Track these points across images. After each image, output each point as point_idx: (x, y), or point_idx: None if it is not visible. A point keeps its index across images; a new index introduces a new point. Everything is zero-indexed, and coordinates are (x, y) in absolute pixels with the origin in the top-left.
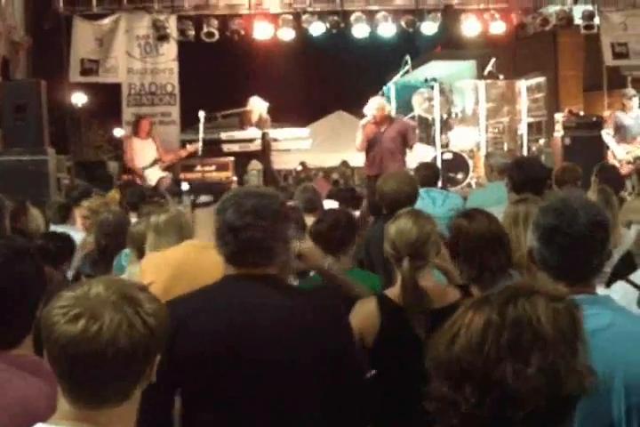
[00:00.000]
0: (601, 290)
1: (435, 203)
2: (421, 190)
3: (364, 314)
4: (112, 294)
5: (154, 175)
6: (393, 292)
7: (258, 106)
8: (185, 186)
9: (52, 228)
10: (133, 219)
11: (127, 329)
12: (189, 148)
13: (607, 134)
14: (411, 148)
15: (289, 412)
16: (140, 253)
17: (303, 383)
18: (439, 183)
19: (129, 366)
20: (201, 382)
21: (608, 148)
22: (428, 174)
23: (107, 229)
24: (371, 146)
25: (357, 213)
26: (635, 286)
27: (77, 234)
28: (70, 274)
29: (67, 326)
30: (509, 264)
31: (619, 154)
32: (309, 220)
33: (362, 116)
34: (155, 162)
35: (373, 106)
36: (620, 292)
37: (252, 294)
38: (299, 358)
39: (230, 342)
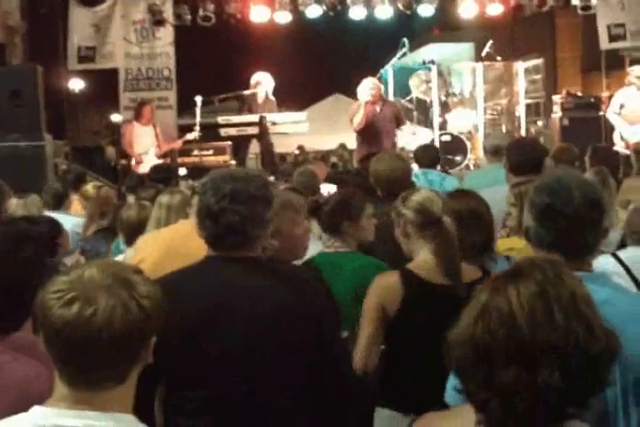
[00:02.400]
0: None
1: (432, 185)
2: (419, 171)
3: (384, 287)
4: (106, 277)
5: (148, 162)
6: (417, 266)
7: (265, 81)
8: (182, 171)
9: (46, 213)
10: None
11: (122, 312)
12: (187, 137)
13: (614, 113)
14: (400, 127)
15: (269, 392)
16: (129, 239)
17: (283, 364)
18: (438, 166)
19: (124, 349)
20: (179, 363)
21: (613, 129)
22: (427, 156)
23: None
24: (367, 126)
25: None
26: (619, 260)
27: (71, 219)
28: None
29: (61, 310)
30: (489, 243)
31: (625, 134)
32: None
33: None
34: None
35: (369, 86)
36: (602, 265)
37: (229, 275)
38: (276, 338)
39: (205, 323)
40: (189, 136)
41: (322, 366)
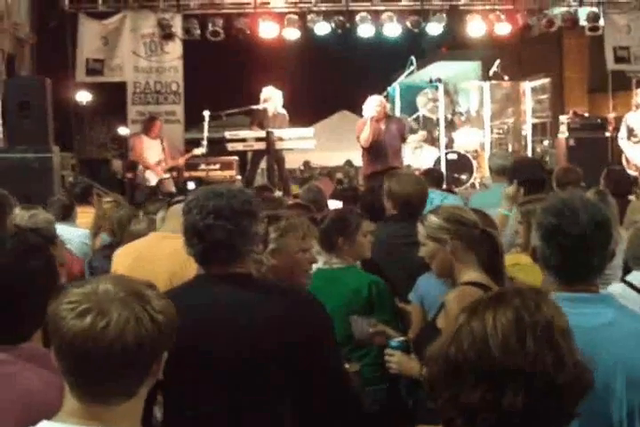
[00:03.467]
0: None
1: (432, 203)
2: None
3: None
4: (120, 290)
5: (154, 176)
6: (480, 279)
7: (274, 97)
8: (191, 185)
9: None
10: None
11: (134, 325)
12: (194, 152)
13: (621, 139)
14: (404, 141)
15: (255, 408)
16: None
17: (270, 379)
18: (443, 185)
19: (135, 363)
20: (172, 379)
21: (621, 151)
22: (431, 175)
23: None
24: (373, 142)
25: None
26: (631, 286)
27: (77, 230)
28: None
29: (74, 321)
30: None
31: (633, 159)
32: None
33: None
34: (158, 163)
35: (375, 103)
36: (617, 292)
37: (219, 293)
38: (264, 353)
39: (194, 339)
40: (196, 151)
41: (316, 381)
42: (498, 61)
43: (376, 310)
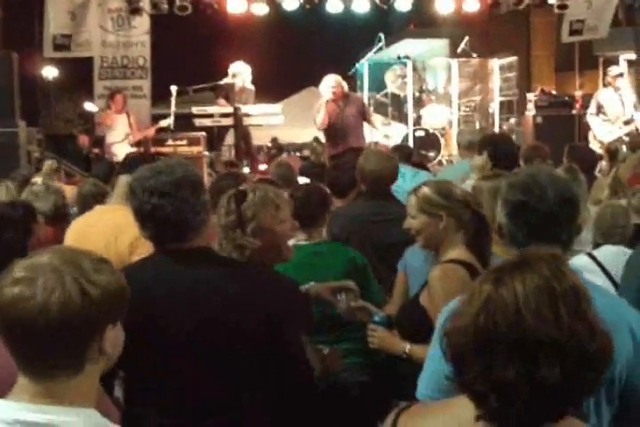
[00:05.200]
0: None
1: (404, 178)
2: None
3: (460, 280)
4: (59, 262)
5: (122, 151)
6: (465, 257)
7: (244, 72)
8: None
9: None
10: None
11: (60, 297)
12: (160, 124)
13: (590, 115)
14: (369, 121)
15: (219, 384)
16: None
17: (229, 356)
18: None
19: (64, 336)
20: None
21: (588, 128)
22: (401, 151)
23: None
24: (332, 124)
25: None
26: (594, 259)
27: None
28: None
29: (5, 289)
30: None
31: (599, 135)
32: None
33: None
34: (125, 137)
35: (331, 83)
36: (578, 264)
37: (173, 268)
38: (222, 326)
39: (149, 315)
40: (163, 123)
41: (275, 364)
42: (466, 39)
43: (366, 281)
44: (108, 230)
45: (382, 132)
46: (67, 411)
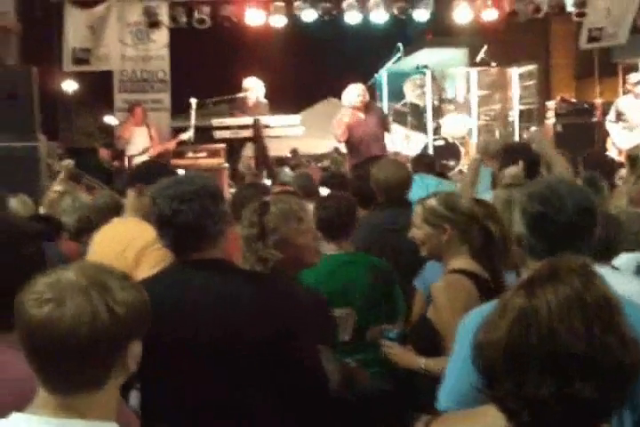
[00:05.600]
0: None
1: (428, 188)
2: (416, 176)
3: (465, 290)
4: (83, 280)
5: None
6: (470, 267)
7: (255, 87)
8: (181, 172)
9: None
10: None
11: (90, 317)
12: (181, 137)
13: (609, 122)
14: (389, 131)
15: (231, 395)
16: None
17: (245, 366)
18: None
19: (94, 355)
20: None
21: (607, 136)
22: (424, 161)
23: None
24: (354, 133)
25: None
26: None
27: None
28: None
29: (33, 310)
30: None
31: (618, 142)
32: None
33: None
34: (145, 150)
35: (359, 91)
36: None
37: (189, 278)
38: (237, 340)
39: (165, 327)
40: (183, 136)
41: (288, 375)
42: (485, 48)
43: (391, 288)
44: (117, 242)
45: (403, 145)
46: (88, 425)
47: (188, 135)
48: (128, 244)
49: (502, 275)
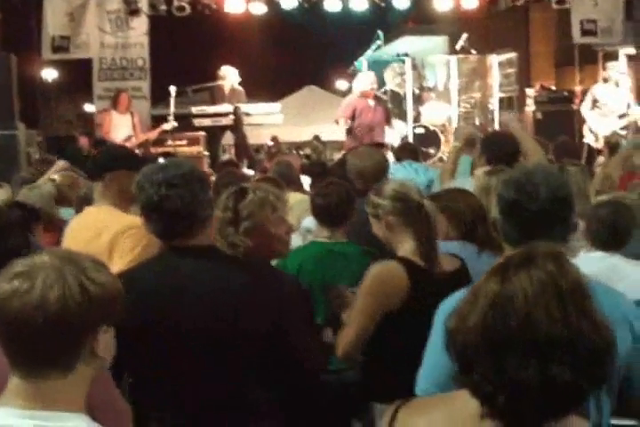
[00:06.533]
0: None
1: (417, 173)
2: (405, 162)
3: (390, 276)
4: (58, 260)
5: None
6: (410, 254)
7: (229, 75)
8: (161, 160)
9: None
10: None
11: (60, 291)
12: (163, 127)
13: (585, 108)
14: (390, 124)
15: (224, 383)
16: None
17: (235, 352)
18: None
19: (63, 335)
20: (138, 356)
21: (584, 122)
22: (410, 148)
23: None
24: (362, 118)
25: None
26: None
27: None
28: None
29: (3, 285)
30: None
31: (595, 128)
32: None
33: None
34: (127, 138)
35: (371, 80)
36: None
37: (179, 266)
38: (228, 326)
39: (156, 315)
40: (166, 126)
41: (282, 357)
42: (465, 35)
43: None
44: (90, 230)
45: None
46: (55, 417)
47: (171, 125)
48: (102, 229)
49: (437, 262)
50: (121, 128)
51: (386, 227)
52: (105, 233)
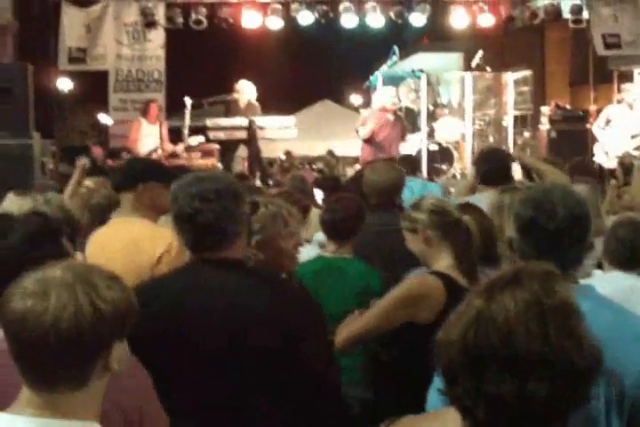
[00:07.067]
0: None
1: (412, 191)
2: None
3: (427, 290)
4: (70, 276)
5: None
6: (447, 269)
7: (246, 90)
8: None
9: None
10: None
11: (72, 312)
12: (189, 142)
13: (598, 128)
14: (405, 140)
15: (241, 396)
16: None
17: (255, 368)
18: (423, 174)
19: (76, 351)
20: (153, 365)
21: (597, 141)
22: (407, 164)
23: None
24: (380, 133)
25: None
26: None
27: None
28: None
29: (16, 303)
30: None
31: (607, 148)
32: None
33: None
34: (154, 150)
35: (392, 94)
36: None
37: (206, 279)
38: (251, 342)
39: (180, 326)
40: (192, 142)
41: (303, 372)
42: (480, 53)
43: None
44: (126, 242)
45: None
46: (69, 424)
47: (197, 141)
48: (143, 244)
49: (477, 279)
50: (149, 137)
51: (424, 241)
52: (146, 248)
